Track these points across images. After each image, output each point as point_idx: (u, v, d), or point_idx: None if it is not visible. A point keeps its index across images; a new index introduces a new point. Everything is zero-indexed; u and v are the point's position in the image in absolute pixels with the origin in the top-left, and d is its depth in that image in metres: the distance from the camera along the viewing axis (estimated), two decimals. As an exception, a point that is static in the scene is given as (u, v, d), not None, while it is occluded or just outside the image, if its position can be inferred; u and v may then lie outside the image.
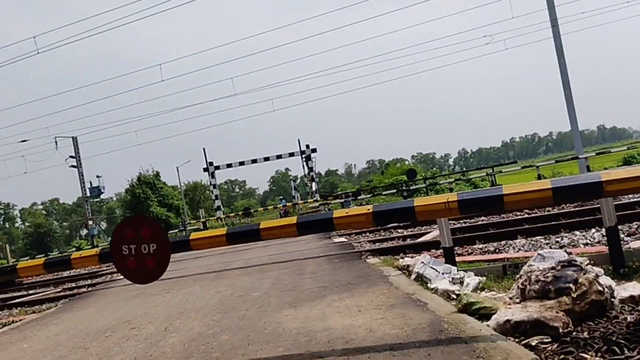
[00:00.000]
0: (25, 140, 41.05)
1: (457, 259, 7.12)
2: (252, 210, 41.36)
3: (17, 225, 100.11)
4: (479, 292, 5.33)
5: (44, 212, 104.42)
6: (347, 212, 4.11)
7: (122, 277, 12.99)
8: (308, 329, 4.49)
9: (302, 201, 43.76)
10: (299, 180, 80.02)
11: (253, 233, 4.46)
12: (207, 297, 7.19)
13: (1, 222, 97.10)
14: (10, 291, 15.42)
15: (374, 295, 5.46)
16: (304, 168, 47.87)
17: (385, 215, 4.07)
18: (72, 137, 43.00)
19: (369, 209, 3.99)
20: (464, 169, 79.75)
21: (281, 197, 31.25)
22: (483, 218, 12.43)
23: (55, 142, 41.43)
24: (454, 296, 4.98)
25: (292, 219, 4.24)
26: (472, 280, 5.63)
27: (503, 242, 8.64)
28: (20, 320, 9.19)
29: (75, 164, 43.49)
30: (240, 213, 41.90)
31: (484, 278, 5.70)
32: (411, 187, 33.34)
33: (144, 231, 4.04)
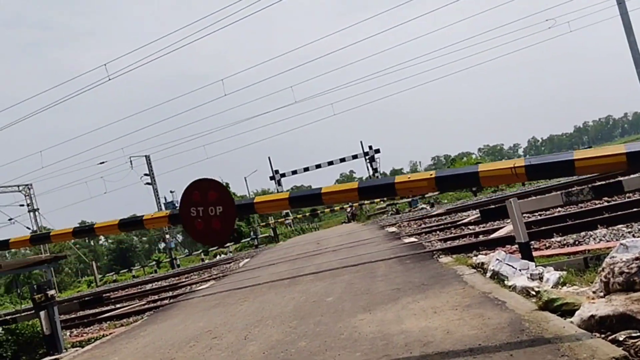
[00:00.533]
0: (103, 162, 43.54)
1: (535, 253, 6.87)
2: (318, 212, 41.67)
3: (100, 242, 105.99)
4: (559, 287, 5.12)
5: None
6: (409, 177, 4.05)
7: (201, 287, 13.51)
8: (384, 333, 4.49)
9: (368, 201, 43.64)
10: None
11: (315, 197, 4.42)
12: (282, 304, 7.33)
13: (87, 241, 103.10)
14: (99, 307, 16.33)
15: (449, 296, 5.37)
16: (368, 169, 47.68)
17: (449, 180, 3.96)
18: (146, 156, 45.12)
19: (431, 174, 3.91)
20: (535, 158, 76.61)
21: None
22: (559, 209, 11.90)
23: (130, 161, 43.66)
24: (534, 293, 4.81)
25: (354, 184, 4.21)
26: (551, 275, 5.42)
27: (582, 234, 8.25)
28: (110, 333, 9.75)
29: (149, 181, 45.57)
30: (307, 214, 42.26)
31: (565, 272, 5.47)
32: (480, 181, 32.42)
33: (210, 194, 4.15)
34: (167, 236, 46.56)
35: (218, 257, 36.29)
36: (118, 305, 15.86)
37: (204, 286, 13.74)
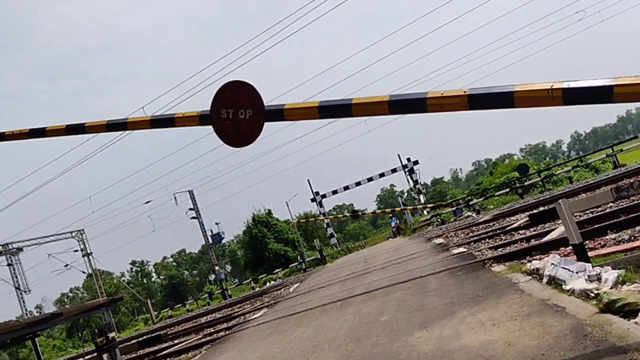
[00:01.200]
0: (149, 202, 44.73)
1: (590, 253, 6.66)
2: (360, 213, 41.67)
3: (153, 279, 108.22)
4: (619, 287, 4.96)
5: (174, 263, 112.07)
6: (441, 93, 3.99)
7: (254, 316, 13.59)
8: (443, 350, 4.44)
9: (411, 208, 43.24)
10: (405, 195, 79.05)
11: (345, 107, 4.34)
12: (336, 327, 7.32)
13: (140, 279, 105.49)
14: (158, 344, 16.65)
15: (507, 306, 5.27)
16: (408, 182, 47.33)
17: (482, 99, 3.85)
18: (189, 191, 46.11)
19: (465, 91, 3.86)
20: (581, 154, 74.35)
21: (391, 215, 31.28)
22: (611, 204, 11.49)
23: (175, 198, 44.66)
24: (593, 295, 4.68)
25: (385, 97, 4.15)
26: (610, 275, 5.24)
27: (638, 228, 7.96)
28: (171, 369, 9.93)
29: (194, 215, 46.46)
30: (348, 215, 42.31)
31: (623, 271, 5.28)
32: (525, 183, 31.66)
33: (243, 97, 4.14)
34: (217, 267, 47.20)
35: (268, 284, 36.49)
36: (176, 341, 16.12)
37: (257, 315, 13.85)
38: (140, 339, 17.72)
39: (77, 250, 46.67)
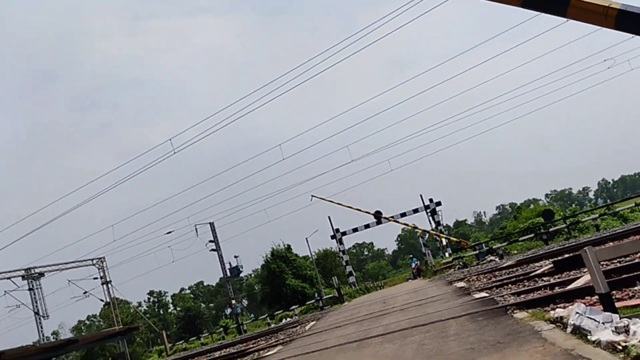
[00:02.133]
0: (170, 232, 44.97)
1: (617, 304, 6.44)
2: (381, 216, 41.36)
3: (169, 310, 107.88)
4: (649, 340, 4.76)
5: (191, 295, 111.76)
6: None
7: (269, 353, 13.39)
8: (461, 397, 4.28)
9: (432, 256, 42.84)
10: (427, 236, 78.21)
11: None
12: (352, 369, 7.16)
13: (156, 310, 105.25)
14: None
15: (528, 354, 5.09)
16: (430, 223, 46.83)
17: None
18: (210, 223, 46.33)
19: None
20: (608, 202, 72.88)
21: (411, 255, 30.91)
22: (640, 254, 11.18)
23: (196, 229, 44.88)
24: (621, 348, 4.50)
25: None
26: (639, 327, 5.05)
27: (669, 280, 7.69)
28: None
29: (214, 247, 46.54)
30: (372, 213, 42.12)
31: (654, 324, 5.09)
32: (550, 229, 31.06)
33: None
34: (233, 301, 46.89)
35: (284, 320, 36.04)
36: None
37: (272, 352, 13.63)
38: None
39: (96, 278, 46.91)
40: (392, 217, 47.46)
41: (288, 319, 35.99)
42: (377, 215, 41.32)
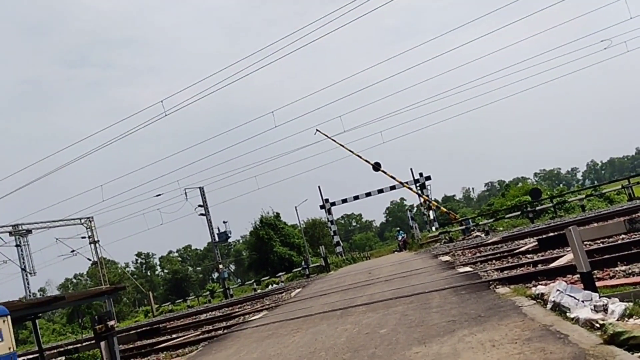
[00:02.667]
0: (159, 195, 44.92)
1: (598, 283, 6.57)
2: (380, 168, 40.97)
3: (157, 272, 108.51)
4: (626, 319, 4.87)
5: (179, 258, 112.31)
6: None
7: (254, 318, 13.56)
8: (440, 367, 4.38)
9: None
10: (415, 209, 78.73)
11: None
12: (335, 336, 7.28)
13: (144, 271, 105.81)
14: (156, 337, 16.67)
15: (508, 328, 5.20)
16: (419, 197, 47.14)
17: None
18: (200, 188, 46.32)
19: None
20: (596, 183, 73.54)
21: (398, 228, 31.02)
22: (623, 236, 11.35)
23: (185, 193, 44.88)
24: (598, 326, 4.60)
25: None
26: (617, 307, 5.16)
27: (650, 262, 7.84)
28: (167, 363, 9.93)
29: (203, 212, 46.64)
30: (372, 163, 41.79)
31: (631, 304, 5.19)
32: (537, 208, 31.38)
33: None
34: (221, 266, 47.26)
35: (270, 287, 36.46)
36: (174, 336, 16.13)
37: (257, 316, 13.82)
38: (139, 330, 17.75)
39: (84, 237, 47.07)
40: (382, 189, 47.65)
41: (274, 286, 36.40)
42: (376, 166, 41.11)
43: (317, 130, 41.61)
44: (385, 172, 42.05)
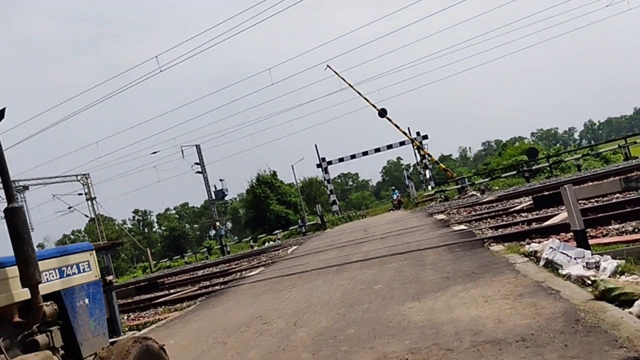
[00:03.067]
0: (155, 152, 44.82)
1: (591, 241, 6.63)
2: (386, 115, 40.84)
3: (154, 229, 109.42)
4: (617, 276, 4.94)
5: (176, 216, 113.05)
6: None
7: (251, 274, 13.72)
8: (434, 321, 4.46)
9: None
10: (411, 169, 78.95)
11: None
12: (330, 291, 7.39)
13: (141, 228, 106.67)
14: (154, 292, 16.91)
15: (501, 285, 5.27)
16: (416, 155, 47.21)
17: None
18: (196, 145, 46.16)
19: None
20: (592, 143, 73.51)
21: (393, 187, 30.56)
22: (617, 195, 11.41)
23: (182, 151, 44.77)
24: (590, 282, 4.66)
25: None
26: (609, 264, 5.22)
27: (643, 221, 7.90)
28: (165, 318, 10.10)
29: (200, 170, 46.61)
30: (379, 108, 41.80)
31: (623, 261, 5.26)
32: (533, 167, 31.46)
33: None
34: (218, 223, 47.62)
35: (267, 244, 36.84)
36: (172, 291, 16.37)
37: (254, 272, 14.00)
38: (137, 285, 18.02)
39: (81, 194, 47.11)
40: (379, 148, 47.58)
41: (271, 243, 36.76)
42: (382, 112, 40.85)
43: (327, 66, 41.15)
44: (390, 120, 41.71)
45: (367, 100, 41.03)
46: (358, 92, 41.00)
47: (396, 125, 41.92)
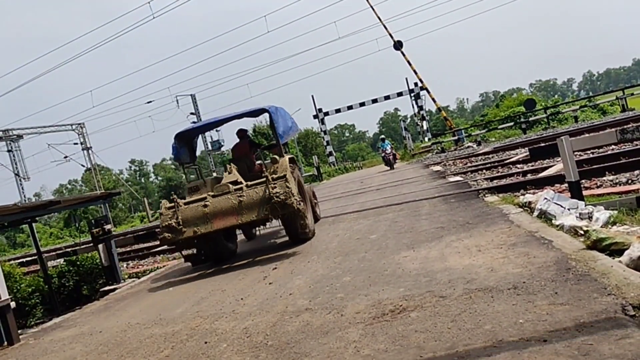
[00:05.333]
0: (150, 102, 44.52)
1: (585, 192, 6.70)
2: (401, 48, 40.42)
3: (151, 180, 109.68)
4: (609, 227, 5.02)
5: (172, 166, 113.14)
6: None
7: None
8: (427, 270, 4.55)
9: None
10: (409, 120, 78.47)
11: None
12: (327, 241, 7.49)
13: (138, 178, 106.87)
14: (152, 241, 17.10)
15: (494, 235, 5.35)
16: (413, 107, 46.81)
17: None
18: (191, 95, 45.62)
19: None
20: (590, 94, 72.96)
21: (382, 136, 29.83)
22: (613, 147, 11.44)
23: (177, 100, 44.28)
24: (582, 232, 4.73)
25: None
26: (601, 214, 5.30)
27: (636, 172, 7.96)
28: (164, 266, 10.27)
29: (195, 120, 46.23)
30: (395, 40, 41.51)
31: (615, 212, 5.34)
32: (530, 119, 31.33)
33: None
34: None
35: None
36: (170, 240, 16.51)
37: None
38: (135, 234, 18.19)
39: (76, 143, 46.77)
40: (376, 99, 47.09)
41: (267, 193, 36.84)
42: (398, 44, 40.01)
43: None
44: (404, 54, 40.88)
45: (386, 28, 39.94)
46: (379, 18, 39.81)
47: (408, 61, 40.97)
